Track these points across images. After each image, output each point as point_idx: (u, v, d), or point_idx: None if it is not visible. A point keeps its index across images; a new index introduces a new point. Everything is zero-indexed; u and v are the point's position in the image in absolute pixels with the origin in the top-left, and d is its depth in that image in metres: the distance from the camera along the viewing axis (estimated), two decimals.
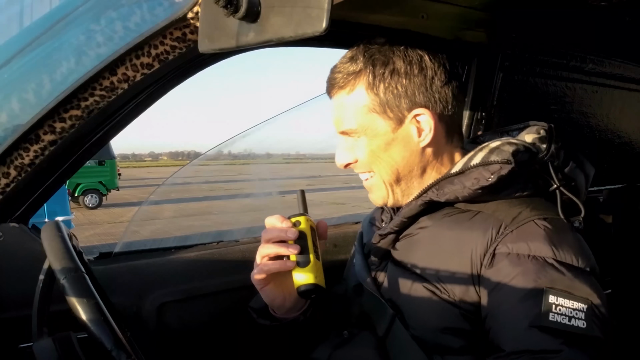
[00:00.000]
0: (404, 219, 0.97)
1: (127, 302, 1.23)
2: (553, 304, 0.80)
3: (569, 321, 0.80)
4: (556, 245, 0.85)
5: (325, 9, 0.62)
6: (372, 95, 0.93)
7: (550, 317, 0.80)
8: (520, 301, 0.82)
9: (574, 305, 0.80)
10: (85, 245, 8.36)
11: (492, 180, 0.87)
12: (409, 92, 0.92)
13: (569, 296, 0.81)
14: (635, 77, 1.63)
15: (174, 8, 0.89)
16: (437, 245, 0.92)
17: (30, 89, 0.95)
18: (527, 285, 0.82)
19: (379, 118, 0.94)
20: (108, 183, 15.73)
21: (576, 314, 0.80)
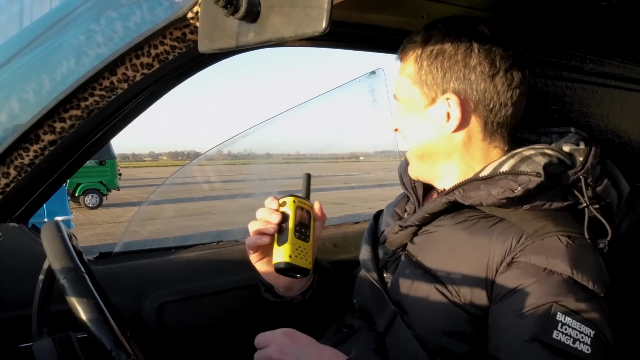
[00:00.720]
0: (426, 214, 0.96)
1: (127, 302, 1.23)
2: (560, 322, 0.78)
3: (572, 343, 0.78)
4: (575, 264, 0.83)
5: (325, 9, 0.61)
6: (417, 68, 0.96)
7: (554, 335, 0.78)
8: (527, 312, 0.80)
9: (581, 328, 0.78)
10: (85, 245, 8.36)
11: (518, 193, 0.85)
12: (447, 75, 0.93)
13: (578, 318, 0.79)
14: (635, 77, 1.63)
15: (174, 8, 0.89)
16: (455, 247, 0.91)
17: (30, 89, 0.95)
18: (537, 298, 0.81)
19: (417, 91, 0.96)
20: (108, 183, 15.73)
21: (582, 337, 0.78)
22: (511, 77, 0.93)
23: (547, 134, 1.04)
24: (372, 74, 1.42)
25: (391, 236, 1.03)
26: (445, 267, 0.91)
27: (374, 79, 1.42)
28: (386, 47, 1.37)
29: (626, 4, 1.03)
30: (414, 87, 0.96)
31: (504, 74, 0.92)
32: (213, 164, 1.75)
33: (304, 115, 1.50)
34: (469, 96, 0.93)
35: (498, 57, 0.92)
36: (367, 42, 1.30)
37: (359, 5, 1.08)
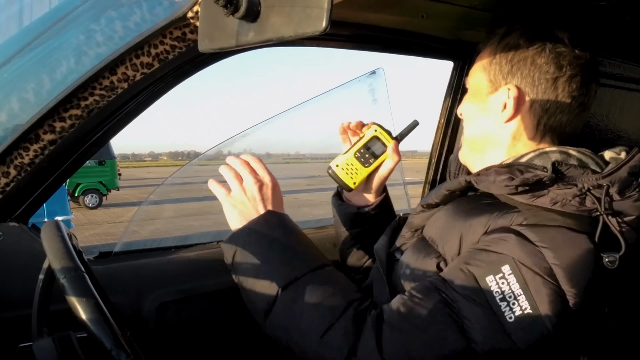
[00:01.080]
0: (445, 190, 0.97)
1: (127, 301, 1.23)
2: (503, 273, 0.76)
3: (500, 299, 0.76)
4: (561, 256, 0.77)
5: (325, 8, 0.61)
6: (490, 57, 0.99)
7: (487, 277, 0.77)
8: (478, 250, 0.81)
9: (519, 297, 0.75)
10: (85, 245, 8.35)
11: (516, 182, 0.84)
12: (514, 68, 0.96)
13: (523, 287, 0.75)
14: (635, 77, 1.63)
15: (174, 7, 0.89)
16: (453, 217, 0.92)
17: (30, 89, 0.95)
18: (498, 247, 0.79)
19: (485, 78, 1.00)
20: (108, 183, 15.72)
21: (513, 304, 0.75)
22: (575, 85, 0.94)
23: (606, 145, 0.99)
24: (372, 74, 1.42)
25: (412, 216, 1.05)
26: (440, 241, 0.92)
27: (374, 78, 1.42)
28: (386, 47, 1.37)
29: (626, 4, 1.03)
30: (482, 75, 1.00)
31: (568, 79, 0.94)
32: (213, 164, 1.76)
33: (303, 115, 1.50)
34: (528, 92, 0.95)
35: (567, 62, 0.94)
36: (367, 42, 1.30)
37: (359, 5, 1.08)
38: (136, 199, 18.55)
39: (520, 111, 0.96)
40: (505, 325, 0.75)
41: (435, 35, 1.33)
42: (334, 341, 0.81)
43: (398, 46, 1.37)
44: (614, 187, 0.82)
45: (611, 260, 0.78)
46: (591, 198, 0.82)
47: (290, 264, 0.89)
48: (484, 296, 0.77)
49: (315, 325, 0.83)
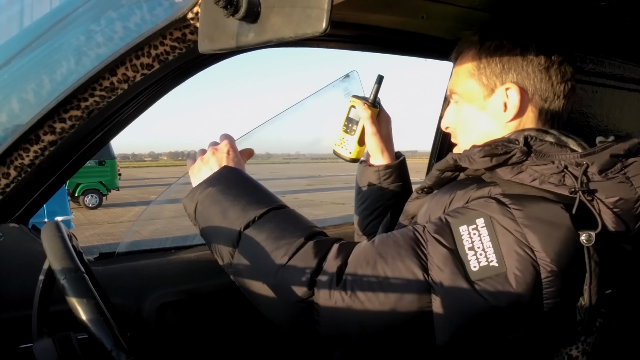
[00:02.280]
0: (436, 171, 0.99)
1: (127, 302, 1.23)
2: (476, 225, 0.77)
3: (468, 248, 0.75)
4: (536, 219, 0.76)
5: (325, 9, 0.61)
6: (476, 62, 0.98)
7: (461, 227, 0.77)
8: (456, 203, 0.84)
9: (488, 250, 0.75)
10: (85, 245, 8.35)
11: (484, 152, 0.85)
12: (506, 66, 0.96)
13: (493, 240, 0.75)
14: (635, 77, 1.63)
15: (174, 8, 0.89)
16: (437, 199, 0.93)
17: (30, 89, 0.95)
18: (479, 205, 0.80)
19: (475, 83, 0.99)
20: (108, 183, 15.73)
21: (480, 255, 0.75)
22: (564, 70, 0.97)
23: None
24: (346, 78, 1.43)
25: (408, 204, 1.07)
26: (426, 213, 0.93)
27: (348, 82, 1.43)
28: (386, 48, 1.37)
29: (626, 4, 1.03)
30: (472, 80, 0.99)
31: (558, 66, 0.97)
32: None
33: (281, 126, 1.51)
34: (526, 86, 0.96)
35: (552, 51, 0.97)
36: (367, 42, 1.30)
37: (359, 5, 1.08)
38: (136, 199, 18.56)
39: (523, 107, 0.97)
40: (468, 273, 0.75)
41: (435, 36, 1.33)
42: (296, 267, 0.81)
43: (398, 47, 1.38)
44: (594, 167, 0.81)
45: (588, 239, 0.76)
46: (570, 176, 0.81)
47: (248, 206, 0.90)
48: (453, 241, 0.77)
49: (277, 256, 0.83)
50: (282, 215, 0.91)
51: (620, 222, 0.81)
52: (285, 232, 0.86)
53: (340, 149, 1.25)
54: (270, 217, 0.89)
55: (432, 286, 0.76)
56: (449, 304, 0.75)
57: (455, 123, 1.05)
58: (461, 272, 0.75)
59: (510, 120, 0.97)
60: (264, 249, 0.84)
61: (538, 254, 0.75)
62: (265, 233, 0.86)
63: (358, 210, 1.33)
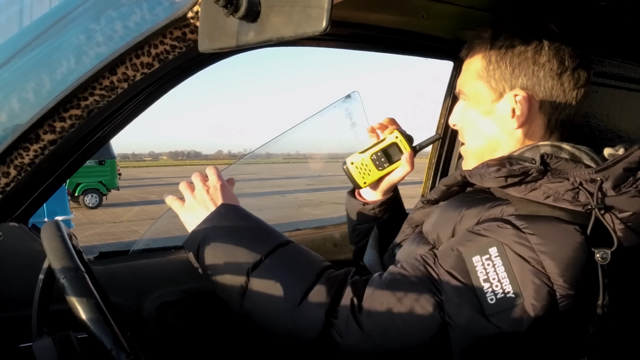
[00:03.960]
0: (443, 186, 0.98)
1: (127, 301, 1.23)
2: (489, 255, 0.76)
3: (483, 280, 0.75)
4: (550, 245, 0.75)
5: (325, 8, 0.62)
6: (485, 63, 0.96)
7: (474, 258, 0.76)
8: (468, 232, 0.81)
9: (503, 281, 0.74)
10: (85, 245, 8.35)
11: (503, 173, 0.84)
12: (517, 70, 0.94)
13: (508, 271, 0.74)
14: (635, 77, 1.63)
15: (174, 7, 0.89)
16: (446, 213, 0.92)
17: (30, 89, 0.95)
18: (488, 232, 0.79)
19: (484, 86, 0.97)
20: (108, 183, 15.72)
21: (496, 286, 0.74)
22: (578, 76, 0.94)
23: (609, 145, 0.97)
24: (347, 98, 1.43)
25: (413, 212, 1.07)
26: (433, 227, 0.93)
27: (350, 102, 1.43)
28: (386, 47, 1.37)
29: (626, 4, 1.03)
30: (480, 82, 0.97)
31: (572, 72, 0.93)
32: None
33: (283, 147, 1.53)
34: (536, 93, 0.94)
35: (567, 55, 0.93)
36: (367, 42, 1.30)
37: (359, 5, 1.08)
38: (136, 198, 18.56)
39: (531, 114, 0.94)
40: (484, 307, 0.74)
41: (435, 35, 1.33)
42: (310, 307, 0.80)
43: (398, 46, 1.38)
44: (608, 182, 0.80)
45: (603, 257, 0.75)
46: (585, 193, 0.79)
47: (252, 246, 0.88)
48: (468, 275, 0.77)
49: (289, 297, 0.82)
50: (289, 252, 0.89)
51: (634, 237, 0.80)
52: (296, 271, 0.85)
53: (356, 171, 1.15)
54: (278, 255, 0.87)
55: (449, 323, 0.76)
56: (467, 337, 0.75)
57: (462, 122, 1.03)
58: (477, 307, 0.75)
59: (517, 127, 0.95)
60: (275, 290, 0.83)
61: (555, 280, 0.74)
62: (275, 273, 0.85)
63: (351, 237, 1.29)
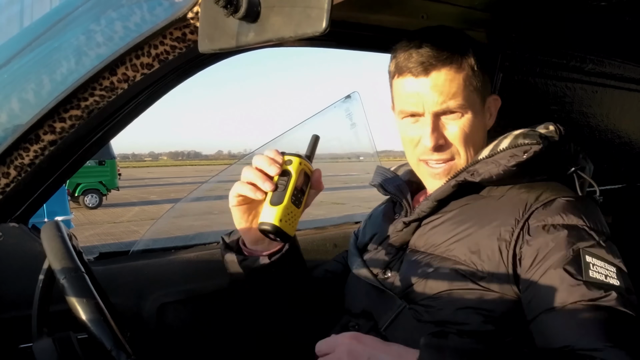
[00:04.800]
0: (434, 202, 0.98)
1: (128, 302, 1.23)
2: (590, 263, 0.85)
3: (605, 278, 0.84)
4: (586, 215, 0.90)
5: (325, 9, 0.62)
6: (478, 74, 0.98)
7: (590, 274, 0.84)
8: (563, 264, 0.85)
9: (605, 266, 0.85)
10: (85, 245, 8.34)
11: (528, 155, 0.92)
12: (488, 78, 1.03)
13: (601, 258, 0.86)
14: (635, 77, 1.63)
15: (174, 8, 0.89)
16: (464, 230, 0.94)
17: (30, 89, 0.95)
18: (565, 249, 0.86)
19: (477, 97, 0.99)
20: (108, 183, 15.72)
21: (610, 273, 0.85)
22: None
23: None
24: (347, 99, 1.42)
25: (394, 234, 1.04)
26: (458, 248, 0.93)
27: (349, 103, 1.43)
28: (386, 47, 1.37)
29: (626, 4, 1.03)
30: (475, 93, 0.99)
31: None
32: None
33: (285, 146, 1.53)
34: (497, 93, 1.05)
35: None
36: (367, 42, 1.30)
37: (359, 5, 1.08)
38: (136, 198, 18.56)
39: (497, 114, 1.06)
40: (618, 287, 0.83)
41: None
42: None
43: None
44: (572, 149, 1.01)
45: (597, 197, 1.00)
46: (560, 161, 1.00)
47: None
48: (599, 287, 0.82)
49: None
50: None
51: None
52: None
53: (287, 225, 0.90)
54: None
55: None
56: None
57: (456, 138, 0.99)
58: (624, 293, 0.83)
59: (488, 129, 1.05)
60: None
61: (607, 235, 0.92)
62: None
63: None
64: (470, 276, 0.89)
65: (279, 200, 0.89)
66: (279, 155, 0.92)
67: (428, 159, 1.01)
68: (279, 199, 0.89)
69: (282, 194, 0.90)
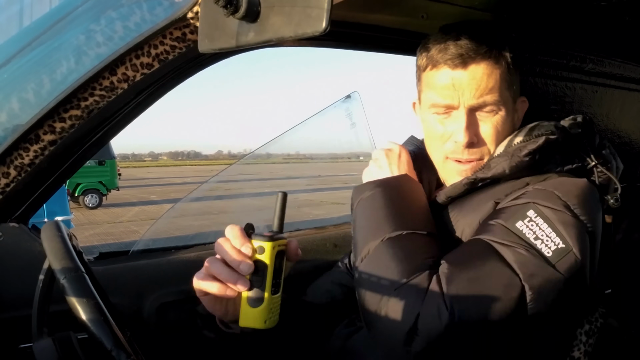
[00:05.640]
0: (446, 198, 0.98)
1: (128, 302, 1.23)
2: (529, 217, 0.82)
3: (534, 239, 0.81)
4: (568, 190, 0.86)
5: (325, 9, 0.62)
6: (512, 72, 0.97)
7: (517, 223, 0.82)
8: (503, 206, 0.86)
9: (550, 234, 0.81)
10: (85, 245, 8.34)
11: (540, 142, 0.89)
12: (517, 76, 1.01)
13: (550, 225, 0.81)
14: (635, 77, 1.63)
15: (174, 8, 0.89)
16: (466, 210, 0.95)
17: (30, 89, 0.95)
18: (518, 200, 0.86)
19: (510, 95, 0.98)
20: (108, 183, 15.73)
21: (546, 240, 0.81)
22: None
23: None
24: (347, 98, 1.42)
25: None
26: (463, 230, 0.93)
27: (349, 102, 1.42)
28: (386, 47, 1.37)
29: (626, 4, 1.03)
30: (509, 90, 0.97)
31: None
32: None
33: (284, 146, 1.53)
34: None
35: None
36: (367, 42, 1.30)
37: (359, 5, 1.08)
38: (136, 199, 18.56)
39: None
40: (547, 259, 0.80)
41: None
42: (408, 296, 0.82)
43: (398, 46, 1.37)
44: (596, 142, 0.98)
45: (616, 199, 0.93)
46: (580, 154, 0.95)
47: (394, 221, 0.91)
48: (520, 239, 0.81)
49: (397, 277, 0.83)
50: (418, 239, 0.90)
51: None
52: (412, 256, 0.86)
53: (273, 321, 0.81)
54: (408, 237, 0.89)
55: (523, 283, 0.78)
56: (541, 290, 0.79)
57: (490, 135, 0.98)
58: (542, 261, 0.80)
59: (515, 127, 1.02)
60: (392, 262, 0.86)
61: (584, 219, 0.84)
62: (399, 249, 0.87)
63: None
64: None
65: (260, 298, 0.78)
66: (247, 245, 0.79)
67: (457, 158, 0.98)
68: (258, 299, 0.78)
69: (261, 292, 0.78)
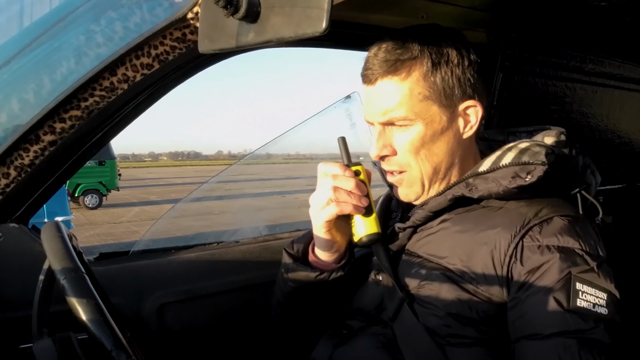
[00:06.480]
0: (429, 213, 0.96)
1: (128, 302, 1.23)
2: (580, 290, 0.84)
3: (593, 307, 0.84)
4: (582, 237, 0.88)
5: (325, 9, 0.62)
6: (430, 82, 0.91)
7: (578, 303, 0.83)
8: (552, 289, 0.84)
9: (596, 293, 0.84)
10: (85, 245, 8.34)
11: (531, 180, 0.87)
12: (462, 82, 0.93)
13: (592, 284, 0.85)
14: (635, 77, 1.63)
15: (174, 8, 0.89)
16: (459, 239, 0.93)
17: (30, 89, 0.95)
18: (556, 274, 0.85)
19: (433, 105, 0.92)
20: (108, 183, 15.71)
21: (599, 301, 0.84)
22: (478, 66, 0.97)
23: (514, 134, 1.07)
24: (347, 99, 1.42)
25: (391, 238, 1.03)
26: (453, 258, 0.92)
27: (349, 103, 1.42)
28: None
29: (626, 4, 1.03)
30: (427, 102, 0.92)
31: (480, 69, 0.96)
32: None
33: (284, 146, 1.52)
34: (480, 99, 0.96)
35: (472, 53, 0.96)
36: (367, 42, 1.30)
37: (359, 5, 1.08)
38: (136, 199, 18.55)
39: (479, 121, 0.97)
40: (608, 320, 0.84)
41: None
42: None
43: None
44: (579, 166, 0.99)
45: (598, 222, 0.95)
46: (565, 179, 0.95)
47: None
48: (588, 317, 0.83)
49: None
50: None
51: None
52: None
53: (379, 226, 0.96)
54: None
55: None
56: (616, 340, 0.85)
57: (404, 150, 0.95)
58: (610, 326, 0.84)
59: (468, 137, 0.98)
60: None
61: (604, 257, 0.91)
62: None
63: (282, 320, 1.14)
64: (463, 285, 0.89)
65: (370, 211, 0.94)
66: (351, 171, 0.94)
67: (383, 168, 1.01)
68: (369, 209, 0.94)
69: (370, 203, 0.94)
